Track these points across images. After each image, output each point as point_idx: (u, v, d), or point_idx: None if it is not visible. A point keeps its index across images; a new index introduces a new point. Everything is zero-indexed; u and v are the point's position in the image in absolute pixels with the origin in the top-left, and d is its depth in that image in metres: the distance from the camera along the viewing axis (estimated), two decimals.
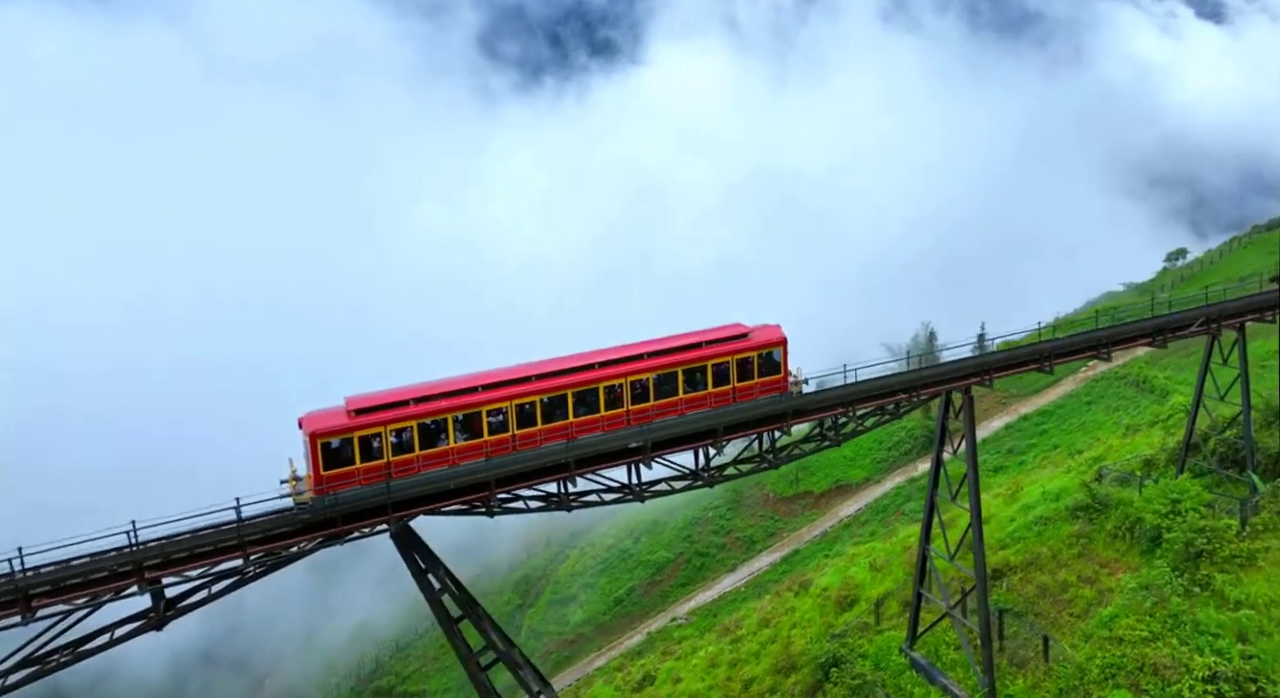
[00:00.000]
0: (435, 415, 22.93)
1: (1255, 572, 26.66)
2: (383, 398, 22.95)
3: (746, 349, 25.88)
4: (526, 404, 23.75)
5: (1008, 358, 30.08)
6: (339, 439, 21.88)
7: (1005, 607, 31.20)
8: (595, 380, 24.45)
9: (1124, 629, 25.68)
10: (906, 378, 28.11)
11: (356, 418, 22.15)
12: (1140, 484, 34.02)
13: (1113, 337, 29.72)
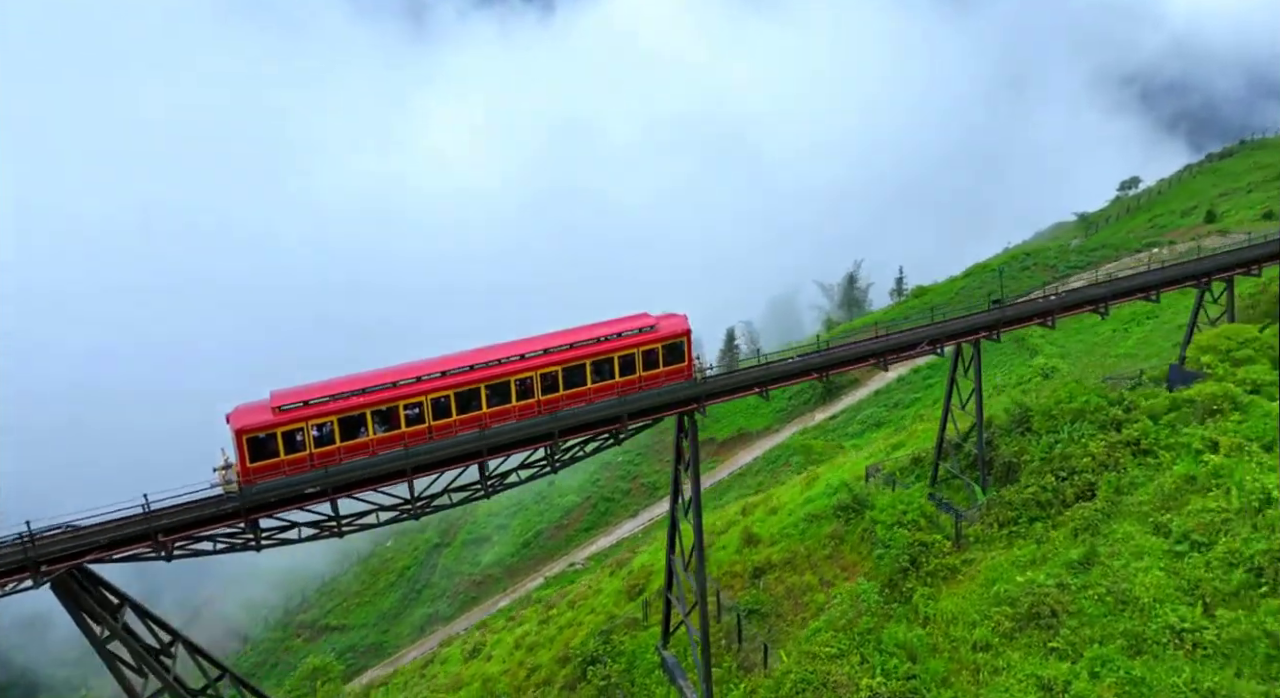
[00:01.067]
0: (354, 411, 24.29)
1: (955, 586, 29.01)
2: (305, 394, 24.11)
3: (652, 341, 27.50)
4: (441, 398, 25.15)
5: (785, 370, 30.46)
6: (264, 434, 23.24)
7: (753, 607, 33.43)
8: (506, 374, 25.91)
9: (819, 644, 27.92)
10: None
11: (279, 415, 23.46)
12: (894, 487, 36.03)
13: (829, 360, 30.23)
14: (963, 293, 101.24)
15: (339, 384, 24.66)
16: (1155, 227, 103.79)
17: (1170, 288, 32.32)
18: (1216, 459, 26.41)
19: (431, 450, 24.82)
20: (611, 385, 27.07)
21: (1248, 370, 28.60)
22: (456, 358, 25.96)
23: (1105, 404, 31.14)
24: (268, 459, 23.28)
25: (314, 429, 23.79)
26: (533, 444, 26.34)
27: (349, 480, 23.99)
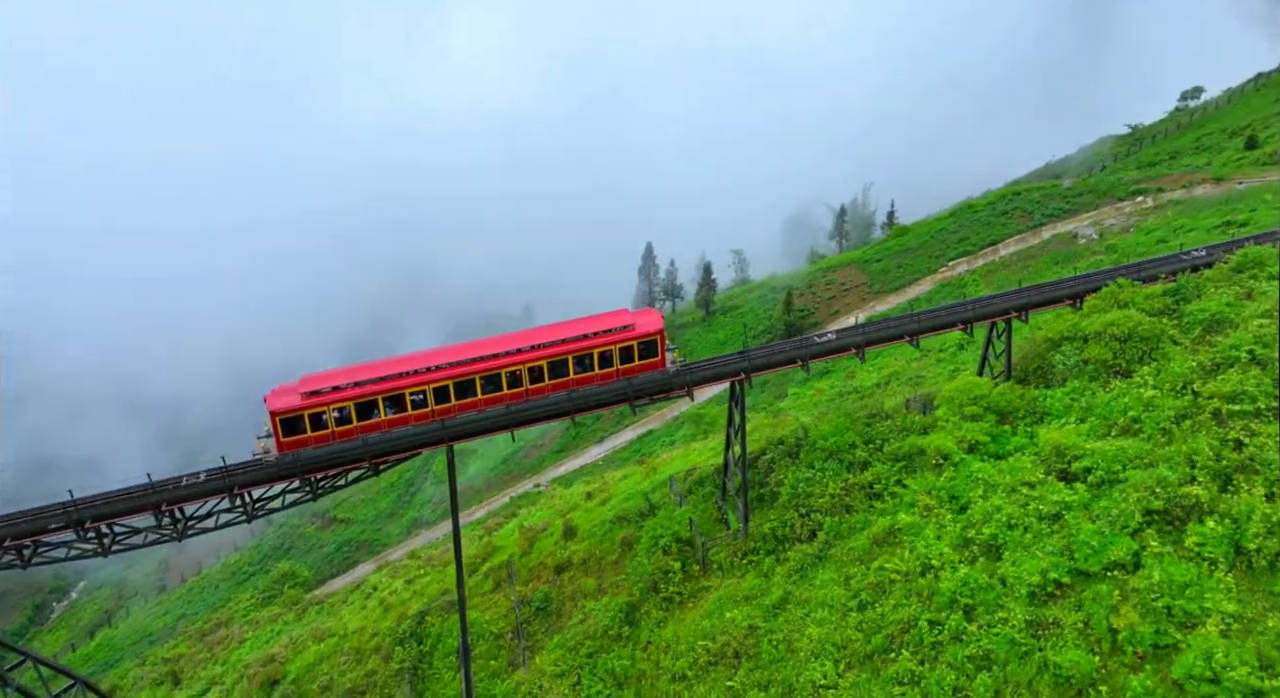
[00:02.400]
0: (367, 397, 29.02)
1: (685, 612, 31.42)
2: (329, 381, 29.05)
3: (629, 338, 30.88)
4: (441, 387, 29.64)
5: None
6: (294, 415, 28.28)
7: (542, 605, 36.42)
8: (499, 367, 29.97)
9: (550, 661, 30.90)
10: None
11: (307, 400, 28.44)
12: (680, 502, 37.88)
13: (637, 390, 31.56)
14: (938, 237, 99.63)
15: (357, 372, 29.56)
16: (1200, 146, 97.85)
17: (930, 334, 32.62)
18: (909, 518, 27.81)
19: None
20: (592, 377, 30.65)
21: (970, 428, 29.36)
22: (455, 351, 30.46)
23: (860, 441, 32.32)
24: (297, 435, 28.60)
25: (335, 411, 28.78)
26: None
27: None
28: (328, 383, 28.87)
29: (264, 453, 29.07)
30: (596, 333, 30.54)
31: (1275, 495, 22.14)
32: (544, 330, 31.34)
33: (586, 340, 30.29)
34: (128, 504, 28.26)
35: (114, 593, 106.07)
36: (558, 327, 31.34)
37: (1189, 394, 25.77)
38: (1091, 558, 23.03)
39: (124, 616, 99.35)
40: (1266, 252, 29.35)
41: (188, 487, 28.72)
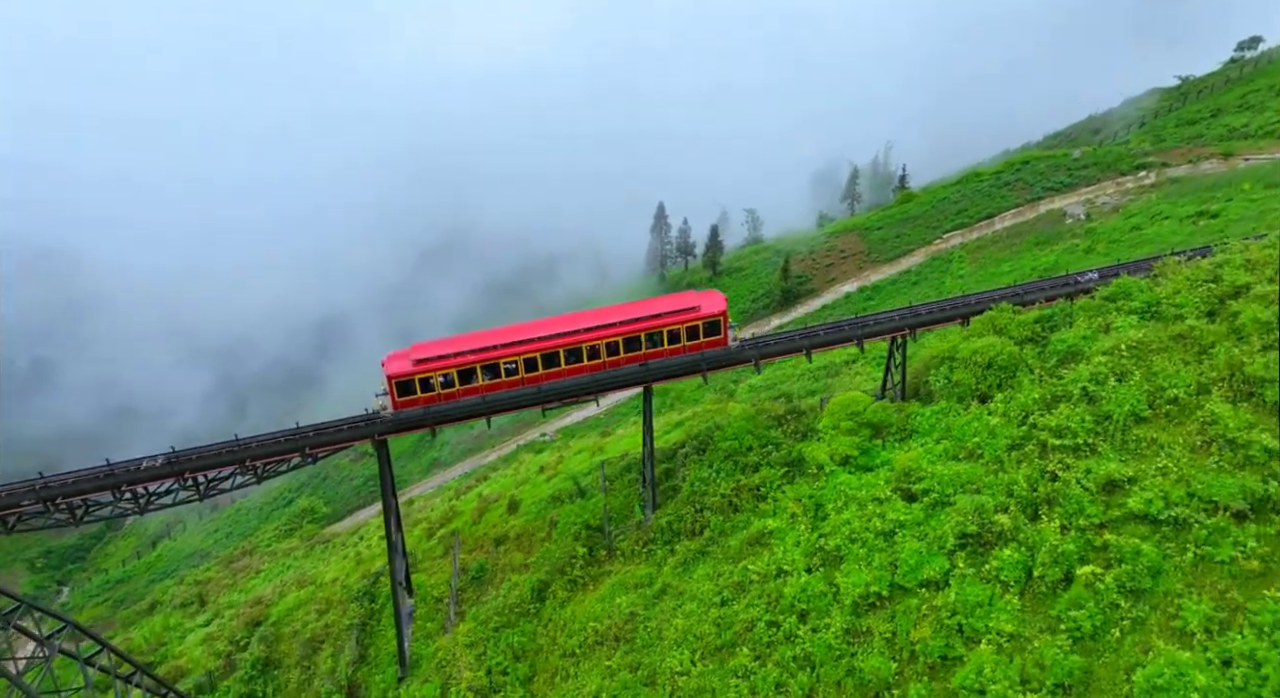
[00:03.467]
0: (467, 365, 33.97)
1: (587, 593, 34.91)
2: (435, 349, 34.39)
3: (695, 318, 35.22)
4: (530, 358, 34.40)
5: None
6: (407, 379, 33.65)
7: (477, 575, 40.19)
8: (580, 342, 34.36)
9: (462, 632, 34.71)
10: None
11: (417, 366, 33.77)
12: (604, 489, 41.06)
13: (490, 406, 34.81)
14: (940, 205, 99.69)
15: (459, 342, 34.79)
16: (1244, 105, 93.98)
17: (823, 349, 34.85)
18: (776, 523, 30.67)
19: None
20: (661, 352, 34.88)
21: (843, 441, 31.73)
22: (542, 325, 35.14)
23: (756, 445, 35.03)
24: (409, 396, 33.82)
25: (440, 377, 33.79)
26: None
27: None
28: (434, 352, 34.09)
29: (381, 410, 34.51)
30: (666, 313, 34.77)
31: (1068, 527, 24.52)
32: (619, 309, 36.06)
33: (657, 319, 34.71)
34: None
35: (170, 509, 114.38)
36: (631, 305, 36.26)
37: (1026, 425, 27.96)
38: (909, 575, 25.78)
39: (181, 530, 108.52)
40: (1134, 283, 30.89)
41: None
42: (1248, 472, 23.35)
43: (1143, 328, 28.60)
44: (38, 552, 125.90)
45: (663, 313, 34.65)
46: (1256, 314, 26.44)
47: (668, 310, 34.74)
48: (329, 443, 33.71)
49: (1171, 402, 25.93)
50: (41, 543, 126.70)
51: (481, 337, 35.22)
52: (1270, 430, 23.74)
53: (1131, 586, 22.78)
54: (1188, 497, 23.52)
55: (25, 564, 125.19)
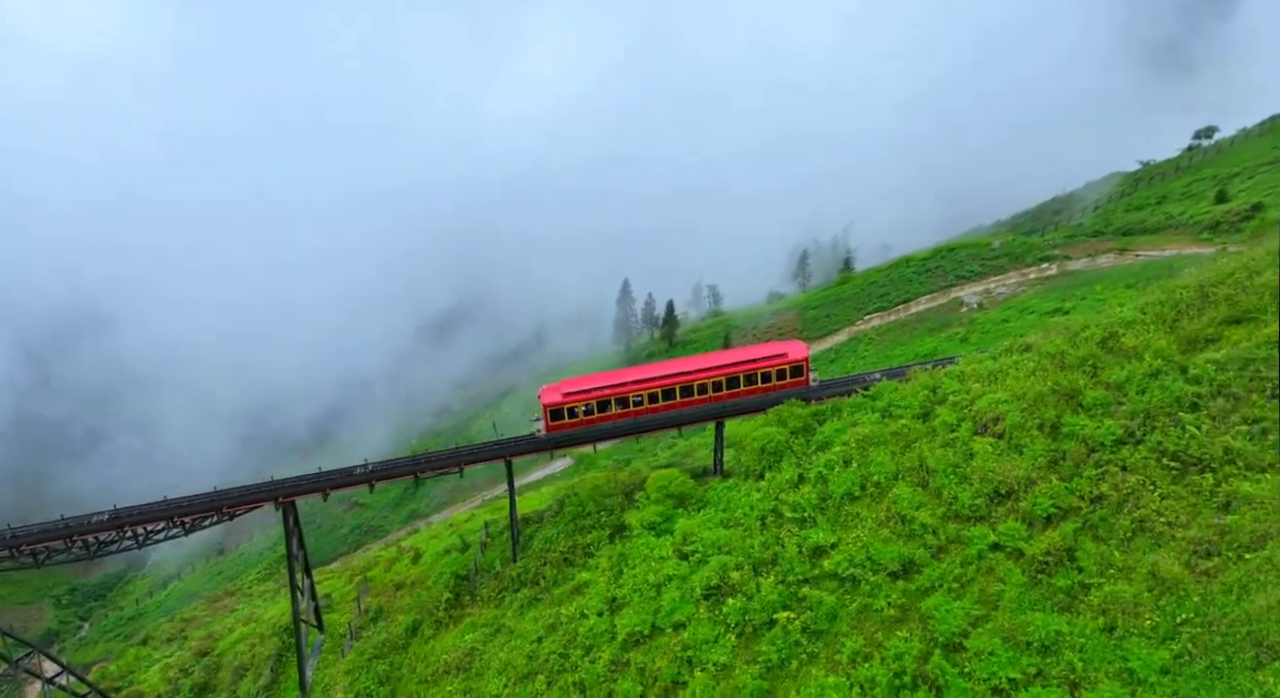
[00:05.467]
0: (603, 397, 43.05)
1: (448, 632, 41.64)
2: (581, 385, 43.85)
3: (783, 363, 44.17)
4: (652, 393, 43.09)
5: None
6: (558, 408, 42.73)
7: (374, 616, 47.02)
8: (692, 380, 43.34)
9: (341, 667, 41.40)
10: None
11: (566, 398, 43.19)
12: (483, 546, 48.13)
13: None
14: (870, 288, 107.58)
15: (596, 379, 44.40)
16: (1187, 194, 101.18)
17: (658, 431, 42.53)
18: (589, 576, 37.63)
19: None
20: (754, 390, 43.27)
21: (652, 509, 38.81)
22: (662, 366, 45.19)
23: (594, 509, 42.16)
24: (559, 422, 42.78)
25: (583, 407, 42.79)
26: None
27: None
28: (579, 386, 43.57)
29: (539, 432, 43.62)
30: (761, 358, 43.80)
31: (781, 582, 31.47)
32: (720, 354, 46.14)
33: (754, 363, 43.38)
34: None
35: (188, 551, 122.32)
36: (730, 352, 46.36)
37: (775, 500, 35.08)
38: (665, 618, 32.68)
39: (190, 572, 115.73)
40: (886, 386, 38.31)
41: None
42: (908, 541, 30.38)
43: (874, 425, 35.90)
44: (64, 590, 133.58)
45: (759, 358, 43.72)
46: (946, 417, 33.77)
47: (762, 356, 43.92)
48: (240, 504, 40.80)
49: (875, 485, 33.09)
50: (68, 582, 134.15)
51: (613, 375, 45.49)
52: (929, 509, 30.85)
53: (814, 628, 29.66)
54: (866, 560, 30.53)
55: (52, 601, 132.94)
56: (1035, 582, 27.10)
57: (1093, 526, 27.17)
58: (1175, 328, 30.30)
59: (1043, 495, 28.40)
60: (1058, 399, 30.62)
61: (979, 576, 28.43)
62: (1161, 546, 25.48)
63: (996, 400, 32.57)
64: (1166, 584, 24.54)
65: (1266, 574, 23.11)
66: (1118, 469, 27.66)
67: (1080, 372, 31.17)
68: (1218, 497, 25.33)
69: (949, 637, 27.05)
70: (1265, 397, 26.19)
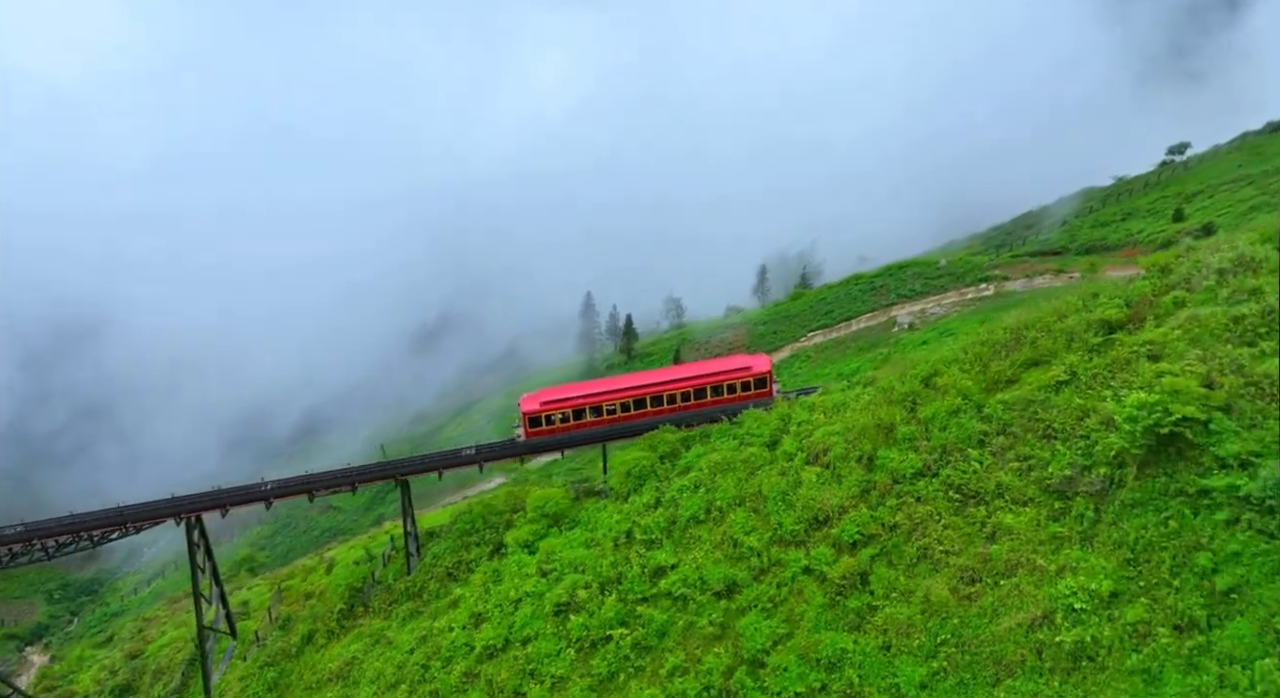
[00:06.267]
0: (579, 406, 45.82)
1: (342, 639, 43.86)
2: (555, 394, 47.12)
3: (748, 376, 46.83)
4: (624, 403, 45.81)
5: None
6: (536, 416, 45.36)
7: (283, 624, 49.10)
8: (661, 390, 45.97)
9: (243, 669, 43.56)
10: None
11: (544, 406, 45.83)
12: (386, 557, 50.33)
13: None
14: (819, 305, 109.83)
15: (572, 389, 48.14)
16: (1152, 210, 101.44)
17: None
18: (462, 591, 39.90)
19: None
20: (722, 400, 45.80)
21: (527, 528, 41.22)
22: (634, 377, 48.56)
23: (481, 527, 44.49)
24: (537, 428, 45.43)
25: (559, 415, 45.51)
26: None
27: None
28: (556, 396, 46.69)
29: (519, 437, 46.53)
30: (726, 370, 46.47)
31: (622, 600, 33.77)
32: (689, 367, 50.56)
33: (720, 376, 46.10)
34: None
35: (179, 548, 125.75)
36: (698, 365, 51.02)
37: (631, 522, 37.42)
38: (518, 632, 34.96)
39: (174, 569, 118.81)
40: (750, 414, 40.78)
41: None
42: (735, 563, 32.72)
43: (730, 451, 38.27)
44: (56, 584, 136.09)
45: (725, 370, 46.45)
46: (788, 446, 36.17)
47: (728, 369, 46.66)
48: (144, 519, 42.92)
49: (718, 509, 35.44)
50: (60, 577, 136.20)
51: (589, 385, 49.12)
52: (758, 533, 33.21)
53: (644, 643, 31.96)
54: (698, 580, 32.85)
55: (44, 596, 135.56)
56: (833, 603, 29.47)
57: (887, 552, 29.56)
58: (986, 368, 32.66)
59: (851, 523, 30.77)
60: (877, 433, 33.00)
61: (790, 596, 30.78)
62: (938, 571, 27.85)
63: (830, 432, 34.97)
64: (935, 607, 26.92)
65: (1014, 599, 25.50)
66: (913, 500, 30.04)
67: (901, 407, 33.55)
68: (987, 527, 27.73)
69: (754, 653, 29.41)
70: (1038, 436, 28.59)
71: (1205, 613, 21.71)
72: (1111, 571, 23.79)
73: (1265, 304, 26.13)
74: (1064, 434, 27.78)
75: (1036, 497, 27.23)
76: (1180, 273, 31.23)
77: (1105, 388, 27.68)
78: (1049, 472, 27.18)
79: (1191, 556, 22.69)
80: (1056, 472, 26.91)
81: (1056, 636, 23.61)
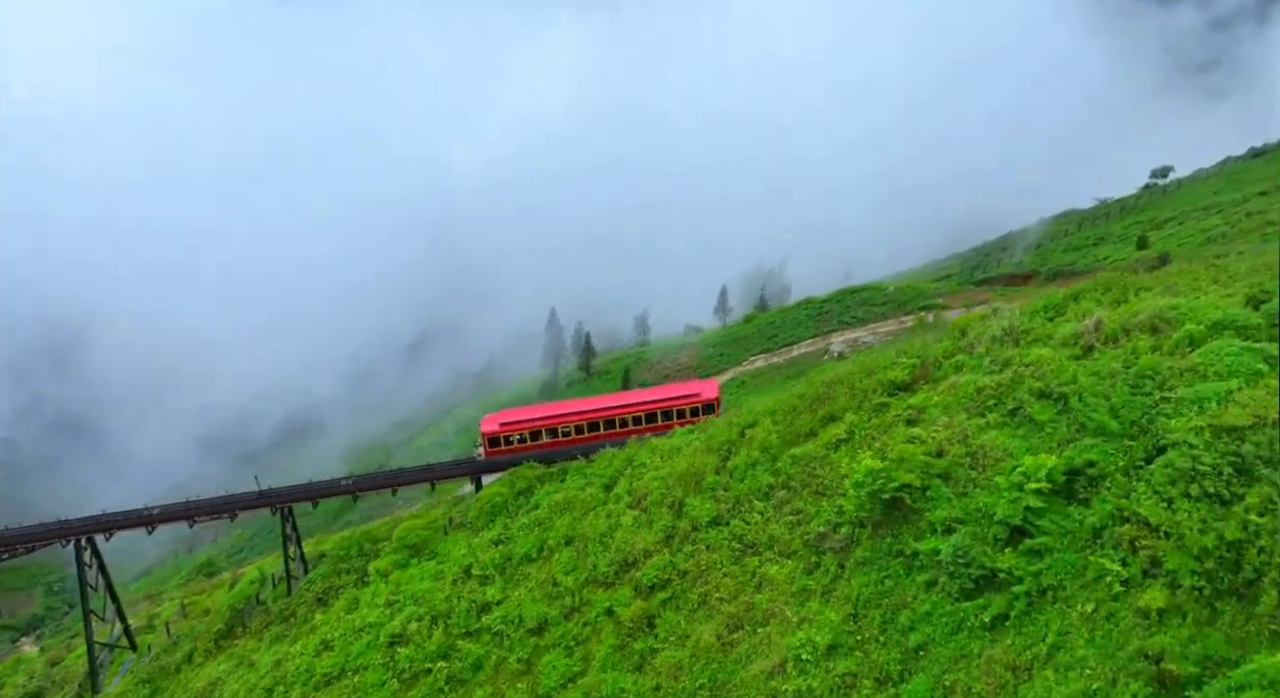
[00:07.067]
0: (536, 428, 49.58)
1: (211, 662, 45.77)
2: (515, 416, 51.49)
3: (697, 401, 49.86)
4: (579, 426, 49.43)
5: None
6: (495, 436, 49.63)
7: (176, 641, 51.06)
8: (614, 414, 49.56)
9: (125, 685, 45.52)
10: None
11: (502, 427, 50.18)
12: (275, 581, 52.26)
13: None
14: (767, 329, 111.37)
15: (529, 411, 52.25)
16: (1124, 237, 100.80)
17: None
18: (325, 618, 41.85)
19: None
20: (672, 424, 47.87)
21: (390, 558, 43.20)
22: (589, 402, 53.00)
23: (355, 554, 46.44)
24: (496, 448, 49.49)
25: (517, 436, 49.50)
26: None
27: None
28: (514, 417, 50.96)
29: (480, 456, 50.41)
30: (676, 397, 49.88)
31: (448, 634, 35.64)
32: (641, 392, 55.89)
33: (669, 402, 49.41)
34: None
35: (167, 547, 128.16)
36: (650, 391, 55.18)
37: (474, 556, 39.32)
38: (354, 662, 36.81)
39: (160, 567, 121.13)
40: (605, 454, 42.69)
41: None
42: (551, 601, 34.59)
43: (574, 490, 40.19)
44: (56, 577, 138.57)
45: (675, 396, 49.85)
46: (621, 488, 38.08)
47: (679, 395, 50.24)
48: (28, 542, 45.05)
49: (549, 548, 37.34)
50: (60, 570, 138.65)
51: (546, 408, 53.43)
52: (576, 573, 35.07)
53: (459, 677, 33.84)
54: (517, 617, 34.73)
55: (44, 588, 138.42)
56: (623, 644, 31.31)
57: (676, 597, 31.41)
58: (793, 421, 34.51)
59: (652, 567, 32.63)
60: (689, 480, 34.90)
61: (591, 636, 32.64)
62: (711, 618, 29.68)
63: (656, 476, 36.89)
64: (702, 652, 28.74)
65: (763, 647, 27.33)
66: (704, 548, 31.92)
67: (717, 455, 35.45)
68: (757, 577, 29.57)
69: (548, 690, 31.30)
70: (812, 492, 30.44)
71: (900, 668, 23.52)
72: (835, 625, 25.61)
73: (1011, 373, 27.89)
74: (830, 491, 29.64)
75: (800, 550, 29.06)
76: (972, 335, 33.08)
77: (869, 449, 29.52)
78: (810, 527, 29.03)
79: (897, 613, 24.52)
80: (815, 528, 28.75)
81: (785, 684, 25.42)
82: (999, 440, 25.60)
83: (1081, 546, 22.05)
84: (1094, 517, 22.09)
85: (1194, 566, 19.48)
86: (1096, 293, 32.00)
